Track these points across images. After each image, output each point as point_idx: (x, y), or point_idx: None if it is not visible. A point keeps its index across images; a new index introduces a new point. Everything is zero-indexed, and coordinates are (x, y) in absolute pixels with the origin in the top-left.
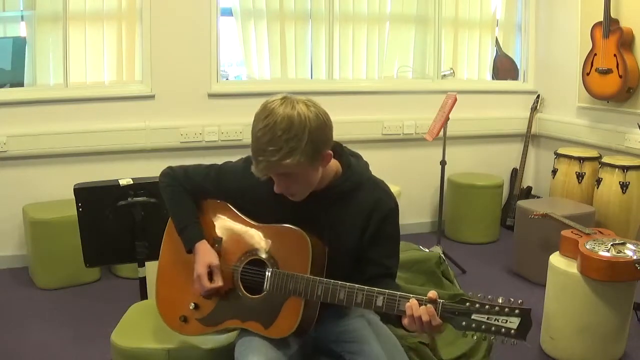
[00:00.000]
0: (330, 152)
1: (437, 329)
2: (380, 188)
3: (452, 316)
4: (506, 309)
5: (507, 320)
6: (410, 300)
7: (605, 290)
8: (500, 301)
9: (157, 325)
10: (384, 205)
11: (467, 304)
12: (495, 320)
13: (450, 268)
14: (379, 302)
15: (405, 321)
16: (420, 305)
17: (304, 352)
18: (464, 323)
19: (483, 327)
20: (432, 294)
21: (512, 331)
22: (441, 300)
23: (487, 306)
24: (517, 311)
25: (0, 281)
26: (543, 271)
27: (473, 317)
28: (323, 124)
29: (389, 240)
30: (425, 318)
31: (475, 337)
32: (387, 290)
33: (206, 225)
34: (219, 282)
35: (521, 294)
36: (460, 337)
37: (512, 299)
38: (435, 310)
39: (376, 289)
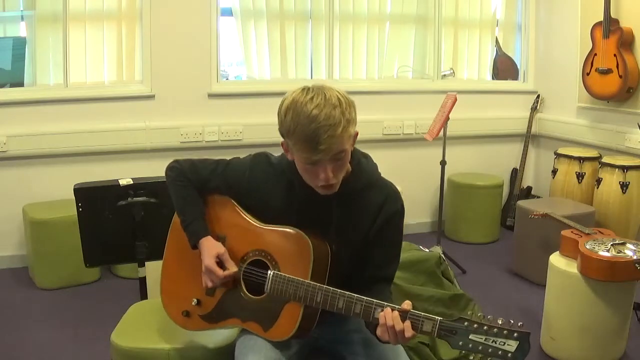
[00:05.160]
0: (357, 132)
1: (409, 339)
2: (389, 189)
3: (449, 335)
4: (505, 331)
5: (505, 343)
6: (390, 311)
7: (605, 290)
8: (499, 322)
9: (157, 326)
10: (391, 207)
11: (465, 323)
12: (492, 342)
13: (450, 268)
14: (377, 315)
15: (378, 331)
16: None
17: (305, 353)
18: (461, 343)
19: (480, 347)
20: (406, 304)
21: (509, 354)
22: (439, 318)
23: (485, 327)
24: (516, 334)
25: (0, 281)
26: (543, 271)
27: (470, 337)
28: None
29: (390, 243)
30: (399, 327)
31: (472, 358)
32: (385, 303)
33: (211, 221)
34: (233, 267)
35: (521, 294)
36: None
37: (512, 321)
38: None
39: (375, 300)
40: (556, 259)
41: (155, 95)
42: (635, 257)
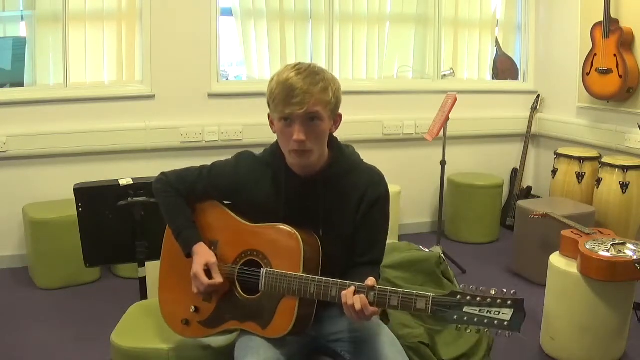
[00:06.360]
0: (341, 114)
1: (370, 317)
2: (372, 172)
3: (443, 310)
4: (498, 301)
5: (499, 312)
6: (348, 289)
7: (605, 290)
8: (492, 292)
9: (157, 325)
10: (375, 189)
11: (458, 297)
12: (487, 313)
13: (450, 268)
14: (371, 299)
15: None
16: (355, 294)
17: (304, 352)
18: (455, 317)
19: (475, 320)
20: (370, 281)
21: (505, 323)
22: (431, 295)
23: (478, 298)
24: (509, 302)
25: (0, 281)
26: (543, 271)
27: (465, 310)
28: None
29: (376, 226)
30: (357, 307)
31: (469, 331)
32: (377, 286)
33: (202, 228)
34: (218, 279)
35: (521, 294)
36: (459, 337)
37: (504, 290)
38: (367, 298)
39: (367, 285)
40: (556, 259)
41: (155, 95)
42: (635, 257)
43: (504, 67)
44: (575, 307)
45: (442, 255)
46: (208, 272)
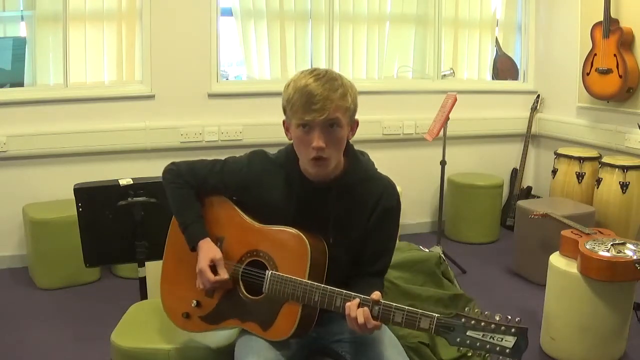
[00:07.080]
0: (357, 120)
1: (372, 330)
2: (386, 182)
3: (446, 331)
4: (502, 327)
5: (502, 339)
6: (352, 300)
7: (605, 290)
8: (497, 318)
9: (158, 325)
10: (388, 199)
11: (463, 320)
12: (490, 338)
13: (450, 268)
14: (375, 313)
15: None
16: (359, 306)
17: (305, 353)
18: (458, 339)
19: (478, 344)
20: (375, 295)
21: (507, 350)
22: (436, 315)
23: (482, 323)
24: (513, 330)
25: (0, 281)
26: (543, 271)
27: (468, 333)
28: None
29: (386, 236)
30: (360, 320)
31: (470, 354)
32: (383, 301)
33: (209, 223)
34: (224, 275)
35: (521, 294)
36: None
37: (509, 317)
38: (371, 311)
39: (372, 298)
40: (556, 259)
41: (155, 95)
42: (635, 257)
43: (504, 67)
44: (575, 307)
45: (442, 255)
46: (213, 268)
